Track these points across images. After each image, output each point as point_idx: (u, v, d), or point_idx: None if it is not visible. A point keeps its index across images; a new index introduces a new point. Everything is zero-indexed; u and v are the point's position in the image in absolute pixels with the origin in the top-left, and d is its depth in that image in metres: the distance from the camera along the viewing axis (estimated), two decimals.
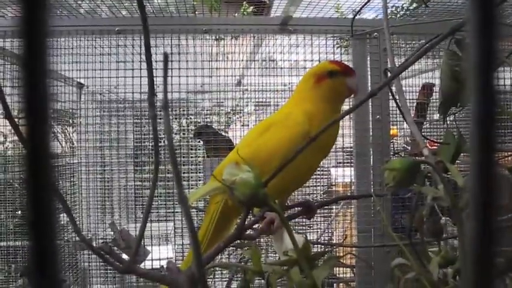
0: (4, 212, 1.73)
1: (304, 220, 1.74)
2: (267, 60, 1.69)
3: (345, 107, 0.85)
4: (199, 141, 1.81)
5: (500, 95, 0.14)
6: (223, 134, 1.87)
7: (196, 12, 1.42)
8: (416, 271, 0.42)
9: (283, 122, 0.76)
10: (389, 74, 0.59)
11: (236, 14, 1.86)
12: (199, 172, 1.72)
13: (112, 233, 1.46)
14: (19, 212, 1.76)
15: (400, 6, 1.65)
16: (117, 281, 1.56)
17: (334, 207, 1.87)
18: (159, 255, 1.48)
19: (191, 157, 1.77)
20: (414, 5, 1.58)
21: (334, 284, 1.86)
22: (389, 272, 0.45)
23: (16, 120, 0.43)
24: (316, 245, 1.46)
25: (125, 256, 0.99)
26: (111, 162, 1.68)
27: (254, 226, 0.61)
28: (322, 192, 1.90)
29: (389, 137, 1.38)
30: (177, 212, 1.58)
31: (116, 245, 1.42)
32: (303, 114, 0.75)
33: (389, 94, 0.97)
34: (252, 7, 1.90)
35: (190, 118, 1.93)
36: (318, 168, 0.91)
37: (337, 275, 1.79)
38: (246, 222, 0.45)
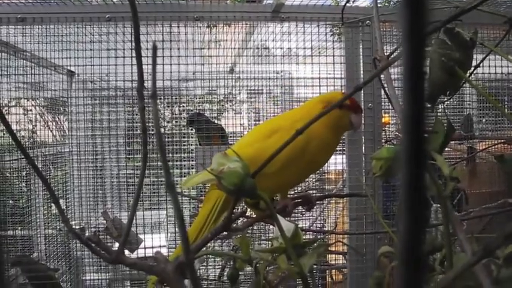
0: None
1: (298, 208, 1.75)
2: (259, 48, 1.69)
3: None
4: (191, 129, 1.80)
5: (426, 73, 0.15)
6: (215, 121, 1.87)
7: None
8: None
9: (289, 130, 0.78)
10: (377, 63, 0.59)
11: (228, 1, 1.84)
12: (192, 160, 1.72)
13: (104, 221, 1.46)
14: (10, 201, 1.75)
15: None
16: (110, 270, 1.57)
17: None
18: (152, 243, 1.48)
19: (183, 145, 1.76)
20: None
21: (327, 271, 1.88)
22: (376, 259, 0.46)
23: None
24: (308, 232, 1.47)
25: (117, 244, 1.00)
26: (102, 151, 1.67)
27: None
28: (314, 179, 1.91)
29: (381, 125, 1.38)
30: (169, 200, 1.57)
31: (109, 234, 1.43)
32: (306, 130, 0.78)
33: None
34: None
35: (183, 106, 1.92)
36: None
37: (330, 262, 1.81)
38: (233, 213, 0.45)
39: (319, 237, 1.36)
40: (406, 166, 0.15)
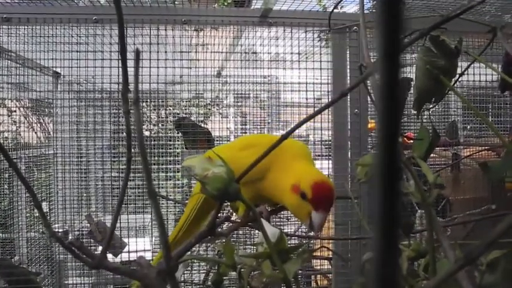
0: None
1: (283, 212, 1.75)
2: (247, 52, 1.69)
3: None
4: (178, 133, 1.80)
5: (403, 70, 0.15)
6: (202, 125, 1.86)
7: (176, 3, 1.40)
8: None
9: (262, 149, 0.74)
10: (364, 70, 0.60)
11: (216, 5, 1.84)
12: (178, 164, 1.71)
13: (88, 224, 1.45)
14: None
15: None
16: (93, 274, 1.55)
17: None
18: (136, 247, 1.47)
19: (169, 148, 1.76)
20: None
21: (312, 276, 1.88)
22: (361, 266, 0.46)
23: None
24: (294, 238, 1.46)
25: (101, 248, 0.98)
26: (87, 153, 1.66)
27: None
28: None
29: (368, 131, 1.39)
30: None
31: (92, 237, 1.41)
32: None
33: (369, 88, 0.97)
34: None
35: (170, 109, 1.91)
36: None
37: (315, 267, 1.81)
38: (217, 218, 0.45)
39: (304, 242, 1.36)
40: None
